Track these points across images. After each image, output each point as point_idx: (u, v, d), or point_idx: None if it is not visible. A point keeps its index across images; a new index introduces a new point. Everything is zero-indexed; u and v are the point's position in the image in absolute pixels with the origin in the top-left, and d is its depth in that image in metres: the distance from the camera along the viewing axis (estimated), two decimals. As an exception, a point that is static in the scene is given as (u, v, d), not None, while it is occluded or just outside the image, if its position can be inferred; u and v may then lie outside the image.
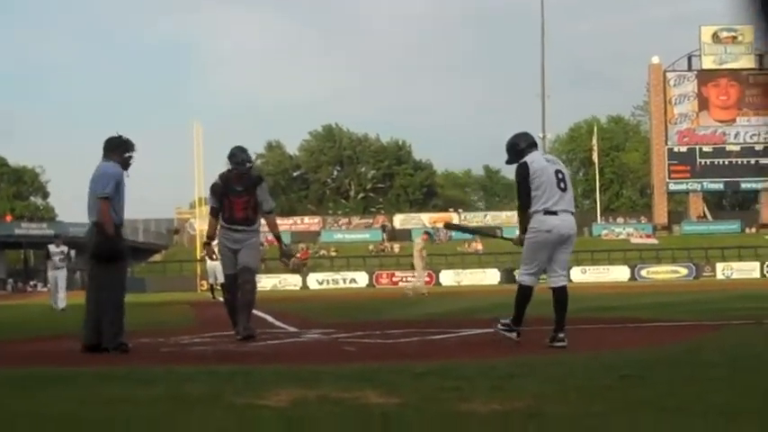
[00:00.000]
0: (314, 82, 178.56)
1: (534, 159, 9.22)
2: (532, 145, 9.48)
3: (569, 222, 9.24)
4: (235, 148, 11.32)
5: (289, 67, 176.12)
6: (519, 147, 9.43)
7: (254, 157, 11.52)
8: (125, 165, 9.92)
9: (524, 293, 9.25)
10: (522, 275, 9.39)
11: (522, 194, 9.23)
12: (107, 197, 9.60)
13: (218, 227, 11.38)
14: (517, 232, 9.66)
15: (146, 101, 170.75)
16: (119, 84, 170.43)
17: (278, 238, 11.68)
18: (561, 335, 8.99)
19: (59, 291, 25.18)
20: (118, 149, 9.91)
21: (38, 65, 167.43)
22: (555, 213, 9.07)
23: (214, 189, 11.22)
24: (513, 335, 9.25)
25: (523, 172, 9.17)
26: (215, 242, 11.43)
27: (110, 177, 9.67)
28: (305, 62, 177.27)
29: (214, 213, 11.27)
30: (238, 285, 11.09)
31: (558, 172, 9.18)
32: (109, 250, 9.69)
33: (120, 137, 9.99)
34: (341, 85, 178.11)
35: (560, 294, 9.21)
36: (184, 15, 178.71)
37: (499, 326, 9.45)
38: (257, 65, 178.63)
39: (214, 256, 12.75)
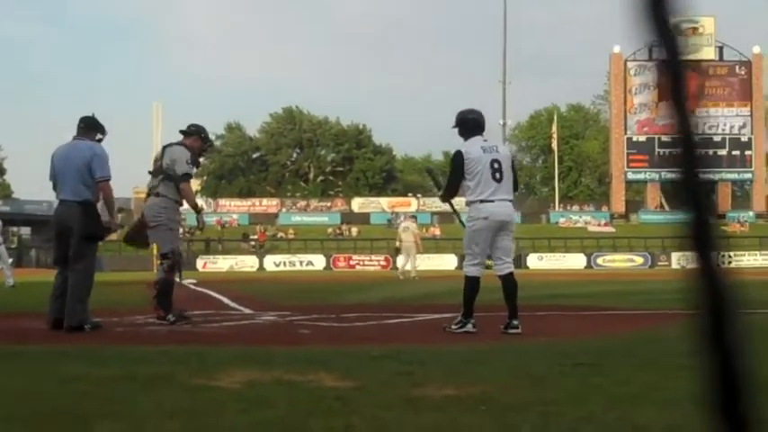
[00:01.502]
0: (275, 64, 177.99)
1: (471, 150, 9.19)
2: (479, 126, 9.47)
3: (506, 208, 9.27)
4: (202, 126, 11.10)
5: (250, 48, 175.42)
6: (468, 118, 9.46)
7: (212, 137, 11.14)
8: None
9: (471, 286, 9.20)
10: (466, 267, 9.35)
11: (450, 181, 9.37)
12: (108, 179, 9.63)
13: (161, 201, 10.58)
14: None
15: (103, 80, 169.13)
16: (76, 61, 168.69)
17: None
18: (515, 321, 9.03)
19: (6, 267, 24.89)
20: (96, 130, 9.97)
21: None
22: (491, 201, 9.09)
23: (193, 159, 10.70)
24: (469, 326, 9.14)
25: (458, 160, 9.21)
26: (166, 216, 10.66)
27: (105, 159, 9.72)
28: (267, 43, 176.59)
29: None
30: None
31: (494, 161, 9.15)
32: (100, 230, 9.71)
33: (95, 118, 9.99)
34: (302, 68, 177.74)
35: (508, 281, 9.23)
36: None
37: (453, 327, 9.24)
38: (218, 45, 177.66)
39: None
